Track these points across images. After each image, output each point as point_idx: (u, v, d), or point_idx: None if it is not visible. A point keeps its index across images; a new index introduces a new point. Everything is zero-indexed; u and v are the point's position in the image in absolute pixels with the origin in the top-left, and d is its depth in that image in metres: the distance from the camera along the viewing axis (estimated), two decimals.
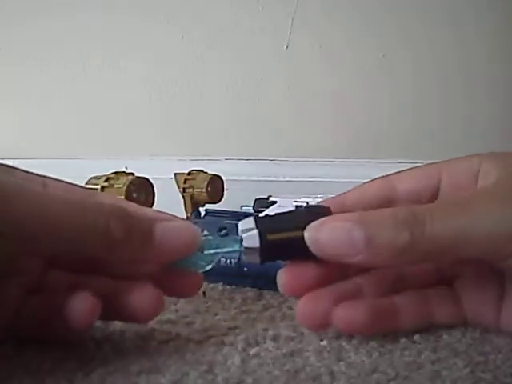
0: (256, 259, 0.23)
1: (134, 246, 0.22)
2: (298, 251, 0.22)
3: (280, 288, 0.24)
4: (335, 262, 0.22)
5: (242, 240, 0.23)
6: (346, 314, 0.23)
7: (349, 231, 0.21)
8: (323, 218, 0.22)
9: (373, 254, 0.21)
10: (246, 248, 0.22)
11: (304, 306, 0.24)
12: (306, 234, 0.22)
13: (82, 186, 0.27)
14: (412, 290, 0.25)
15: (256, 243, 0.22)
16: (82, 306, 0.21)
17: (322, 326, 0.24)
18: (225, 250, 0.24)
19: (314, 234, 0.22)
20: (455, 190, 0.26)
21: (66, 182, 0.24)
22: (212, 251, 0.24)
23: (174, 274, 0.24)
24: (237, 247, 0.23)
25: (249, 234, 0.22)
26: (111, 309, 0.22)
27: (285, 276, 0.24)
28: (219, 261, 0.35)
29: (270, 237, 0.22)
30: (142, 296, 0.22)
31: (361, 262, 0.22)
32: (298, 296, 0.24)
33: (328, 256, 0.22)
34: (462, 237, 0.21)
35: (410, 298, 0.25)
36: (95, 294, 0.21)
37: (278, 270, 0.32)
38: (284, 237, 0.22)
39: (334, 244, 0.22)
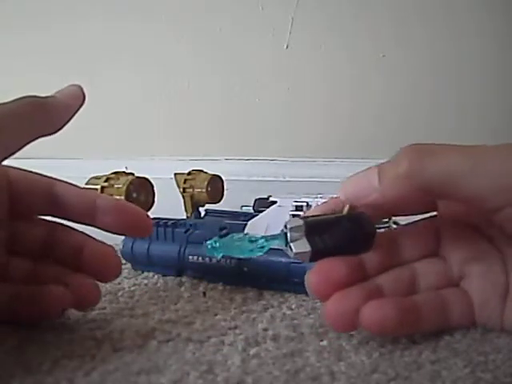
0: (305, 259, 0.25)
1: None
2: (340, 253, 0.25)
3: (308, 289, 0.25)
4: (360, 204, 0.24)
5: (286, 237, 0.24)
6: (374, 313, 0.23)
7: (366, 173, 0.25)
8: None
9: (384, 187, 0.24)
10: (297, 253, 0.24)
11: (333, 306, 0.24)
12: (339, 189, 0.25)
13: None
14: (427, 290, 0.26)
15: (307, 248, 0.24)
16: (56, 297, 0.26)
17: (350, 325, 0.24)
18: (271, 244, 0.26)
19: (344, 184, 0.25)
20: None
21: None
22: (259, 241, 0.26)
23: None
24: (282, 243, 0.25)
25: (299, 242, 0.24)
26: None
27: (313, 278, 0.25)
28: (219, 261, 0.35)
29: (318, 246, 0.24)
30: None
31: (378, 200, 0.24)
32: (324, 297, 0.24)
33: (352, 198, 0.25)
34: (457, 173, 0.22)
35: (427, 297, 0.25)
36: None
37: (277, 270, 0.32)
38: (328, 246, 0.24)
39: (355, 184, 0.25)
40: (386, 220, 0.26)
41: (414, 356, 0.23)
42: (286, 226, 0.24)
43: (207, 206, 0.47)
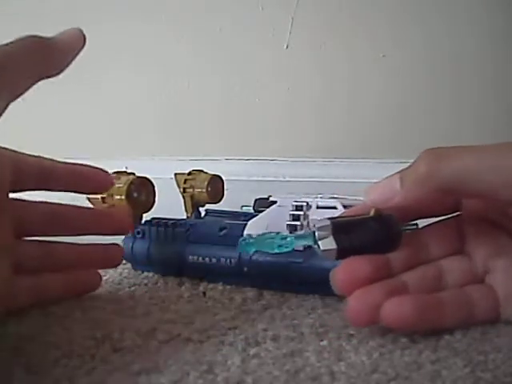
0: (332, 257, 0.26)
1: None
2: (366, 252, 0.26)
3: (335, 286, 0.26)
4: (384, 208, 0.26)
5: (314, 235, 0.26)
6: (394, 309, 0.24)
7: (389, 178, 0.26)
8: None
9: (405, 190, 0.25)
10: (324, 250, 0.26)
11: (355, 301, 0.25)
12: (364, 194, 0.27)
13: None
14: (452, 287, 0.26)
15: (333, 245, 0.26)
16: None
17: (369, 320, 0.24)
18: (299, 242, 0.28)
19: (368, 189, 0.27)
20: None
21: None
22: (289, 238, 0.28)
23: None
24: (311, 242, 0.27)
25: (326, 240, 0.26)
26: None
27: (339, 275, 0.26)
28: (219, 261, 0.35)
29: (344, 244, 0.26)
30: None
31: (401, 203, 0.25)
32: (349, 293, 0.25)
33: (377, 202, 0.26)
34: (470, 171, 0.24)
35: (452, 294, 0.26)
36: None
37: (277, 271, 0.32)
38: (355, 244, 0.26)
39: (379, 189, 0.26)
40: (414, 222, 0.27)
41: (414, 356, 0.23)
42: (314, 226, 0.26)
43: (207, 206, 0.47)
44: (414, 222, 0.31)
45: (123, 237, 0.38)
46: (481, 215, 0.28)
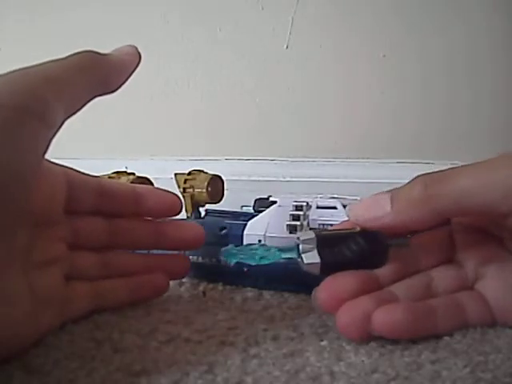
0: (316, 271, 0.25)
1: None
2: (351, 267, 0.25)
3: (317, 305, 0.25)
4: (370, 226, 0.25)
5: (298, 248, 0.25)
6: (385, 317, 0.23)
7: (377, 197, 0.25)
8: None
9: (396, 211, 0.24)
10: (308, 264, 0.25)
11: (343, 314, 0.24)
12: (348, 211, 0.26)
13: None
14: (442, 294, 0.26)
15: (317, 259, 0.25)
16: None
17: (362, 331, 0.24)
18: (283, 255, 0.27)
19: (353, 207, 0.26)
20: None
21: None
22: (272, 250, 0.27)
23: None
24: (295, 255, 0.26)
25: (310, 253, 0.25)
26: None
27: (322, 292, 0.25)
28: (219, 260, 0.35)
29: (328, 258, 0.25)
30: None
31: (390, 223, 0.25)
32: (334, 311, 0.24)
33: (363, 220, 0.25)
34: (468, 190, 0.23)
35: (443, 301, 0.26)
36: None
37: (277, 271, 0.32)
38: (339, 259, 0.25)
39: (366, 208, 0.25)
40: (409, 236, 0.27)
41: (414, 356, 0.23)
42: (298, 238, 0.25)
43: (207, 206, 0.47)
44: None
45: None
46: (470, 224, 0.28)
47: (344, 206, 0.35)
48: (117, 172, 0.40)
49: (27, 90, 0.21)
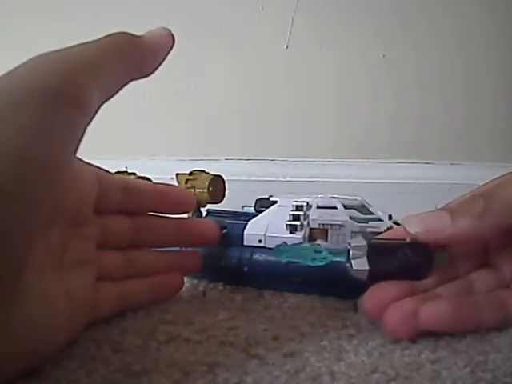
0: (363, 277, 0.26)
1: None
2: (397, 277, 0.26)
3: (363, 313, 0.26)
4: (427, 238, 0.26)
5: (349, 254, 0.26)
6: (433, 311, 0.24)
7: (436, 211, 0.26)
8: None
9: (458, 225, 0.25)
10: (356, 269, 0.26)
11: (391, 315, 0.24)
12: (403, 222, 0.27)
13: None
14: (484, 292, 0.27)
15: (365, 266, 0.26)
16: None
17: (411, 328, 0.24)
18: (334, 258, 0.28)
19: (411, 219, 0.26)
20: None
21: None
22: (323, 252, 0.29)
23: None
24: (344, 259, 0.27)
25: (360, 260, 0.26)
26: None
27: (366, 303, 0.26)
28: (219, 260, 0.35)
29: (377, 266, 0.26)
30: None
31: (450, 237, 0.25)
32: (380, 318, 0.25)
33: (422, 232, 0.26)
34: None
35: (485, 297, 0.26)
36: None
37: (277, 271, 0.32)
38: (387, 268, 0.26)
39: (425, 220, 0.26)
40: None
41: (414, 356, 0.23)
42: (349, 244, 0.26)
43: (209, 206, 0.47)
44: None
45: None
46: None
47: (344, 206, 0.35)
48: (118, 172, 0.40)
49: (59, 74, 0.19)
